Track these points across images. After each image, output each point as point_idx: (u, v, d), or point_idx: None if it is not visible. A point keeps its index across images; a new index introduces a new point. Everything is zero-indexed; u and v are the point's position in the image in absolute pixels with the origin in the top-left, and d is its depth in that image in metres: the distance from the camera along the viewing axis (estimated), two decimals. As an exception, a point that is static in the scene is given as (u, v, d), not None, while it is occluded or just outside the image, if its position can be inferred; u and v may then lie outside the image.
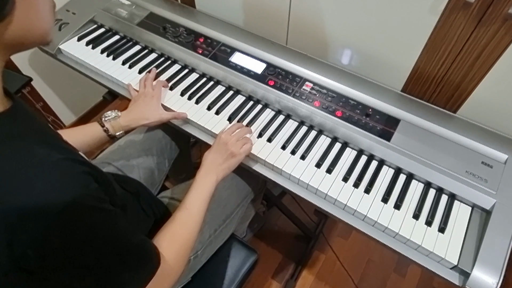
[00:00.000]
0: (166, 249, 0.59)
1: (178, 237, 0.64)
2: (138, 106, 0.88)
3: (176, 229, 0.65)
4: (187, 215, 0.67)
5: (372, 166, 0.81)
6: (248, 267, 0.89)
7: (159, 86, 0.94)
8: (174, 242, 0.62)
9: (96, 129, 0.81)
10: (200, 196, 0.70)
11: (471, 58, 0.80)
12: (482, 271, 0.63)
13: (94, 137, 0.81)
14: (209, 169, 0.74)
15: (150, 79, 0.95)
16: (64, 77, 1.56)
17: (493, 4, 0.69)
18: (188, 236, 0.65)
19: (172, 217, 0.67)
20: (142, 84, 0.94)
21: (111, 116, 0.83)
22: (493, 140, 0.79)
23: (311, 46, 1.06)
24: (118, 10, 1.16)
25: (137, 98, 0.91)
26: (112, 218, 0.46)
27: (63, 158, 0.42)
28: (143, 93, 0.91)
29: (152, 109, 0.88)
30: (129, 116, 0.85)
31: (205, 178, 0.73)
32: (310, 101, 0.89)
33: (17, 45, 0.43)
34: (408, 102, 0.88)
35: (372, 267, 1.38)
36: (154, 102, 0.89)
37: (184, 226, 0.66)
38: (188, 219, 0.67)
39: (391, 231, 0.70)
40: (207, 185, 0.72)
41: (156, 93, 0.91)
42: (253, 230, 1.43)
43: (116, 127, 0.83)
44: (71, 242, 0.41)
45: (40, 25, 0.43)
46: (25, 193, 0.37)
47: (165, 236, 0.62)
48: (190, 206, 0.68)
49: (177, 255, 0.61)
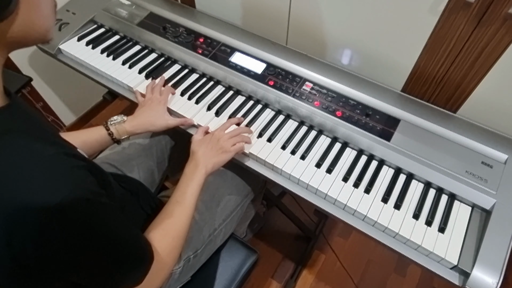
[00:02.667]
0: (158, 243, 0.59)
1: (170, 231, 0.64)
2: (145, 112, 0.87)
3: (168, 222, 0.65)
4: (179, 208, 0.67)
5: (372, 166, 0.81)
6: (248, 267, 0.89)
7: (167, 93, 0.93)
8: (166, 235, 0.63)
9: (101, 132, 0.82)
10: (190, 188, 0.70)
11: (471, 58, 0.80)
12: (482, 271, 0.63)
13: (99, 140, 0.82)
14: (198, 162, 0.74)
15: (158, 86, 0.94)
16: (64, 77, 1.56)
17: (493, 4, 0.69)
18: (180, 229, 0.66)
19: (163, 211, 0.67)
20: (149, 90, 0.93)
21: (117, 120, 0.83)
22: (493, 140, 0.79)
23: (311, 46, 1.06)
24: (118, 10, 1.16)
25: (144, 103, 0.91)
26: (108, 211, 0.47)
27: (58, 153, 0.42)
28: (150, 98, 0.91)
29: (158, 115, 0.87)
30: (135, 121, 0.85)
31: (195, 171, 0.73)
32: (310, 101, 0.89)
33: (18, 42, 0.43)
34: (408, 102, 0.88)
35: (372, 267, 1.38)
36: (161, 108, 0.88)
37: (176, 219, 0.66)
38: (179, 212, 0.67)
39: (391, 231, 0.70)
40: (197, 178, 0.72)
41: (163, 99, 0.90)
42: (253, 230, 1.43)
43: (121, 132, 0.83)
44: (68, 235, 0.41)
45: (42, 23, 0.44)
46: (22, 188, 0.38)
47: (157, 230, 0.63)
48: (180, 199, 0.69)
49: (170, 248, 0.62)
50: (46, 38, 0.46)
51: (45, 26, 0.44)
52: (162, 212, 0.67)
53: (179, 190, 0.70)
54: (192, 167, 0.74)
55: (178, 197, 0.69)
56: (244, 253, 0.91)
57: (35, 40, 0.45)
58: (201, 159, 0.75)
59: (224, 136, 0.79)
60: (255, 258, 0.91)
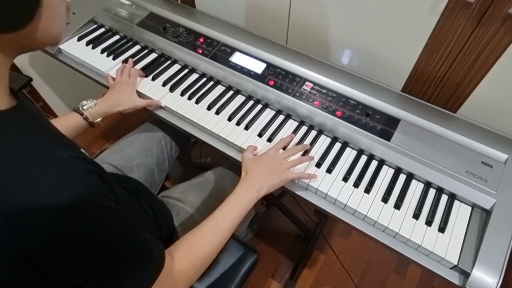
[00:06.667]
0: (180, 258, 0.57)
1: (197, 249, 0.60)
2: (114, 94, 0.91)
3: (197, 240, 0.61)
4: (214, 228, 0.63)
5: (372, 166, 0.81)
6: (248, 267, 0.89)
7: (135, 75, 0.97)
8: (191, 253, 0.59)
9: (76, 118, 0.84)
10: (235, 210, 0.66)
11: (471, 58, 0.80)
12: (482, 271, 0.63)
13: (76, 125, 0.83)
14: (253, 183, 0.70)
15: (127, 69, 0.98)
16: (64, 77, 1.56)
17: (493, 4, 0.69)
18: (208, 251, 0.61)
19: (198, 227, 0.63)
20: (119, 73, 0.97)
21: (89, 104, 0.86)
22: (493, 140, 0.79)
23: (311, 46, 1.06)
24: (118, 10, 1.16)
25: (113, 86, 0.95)
26: (117, 216, 0.47)
27: (71, 156, 0.42)
28: (120, 81, 0.94)
29: (126, 96, 0.91)
30: (105, 103, 0.88)
31: (248, 192, 0.69)
32: (310, 101, 0.89)
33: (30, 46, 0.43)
34: (408, 102, 0.88)
35: (372, 267, 1.38)
36: (129, 90, 0.92)
37: (207, 239, 0.62)
38: (213, 232, 0.63)
39: (391, 231, 0.70)
40: (245, 201, 0.68)
41: (131, 81, 0.94)
42: (253, 230, 1.43)
43: (94, 115, 0.86)
44: (77, 238, 0.41)
45: (57, 29, 0.44)
46: (33, 189, 0.38)
47: (183, 246, 0.60)
48: (220, 219, 0.65)
49: (191, 267, 0.58)
50: (56, 42, 0.46)
51: (59, 32, 0.45)
52: (196, 228, 0.63)
53: (223, 208, 0.66)
54: (245, 188, 0.70)
55: (218, 216, 0.65)
56: (244, 253, 0.91)
57: (47, 44, 0.45)
58: (257, 181, 0.70)
59: (281, 156, 0.75)
60: (255, 258, 0.91)
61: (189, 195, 0.89)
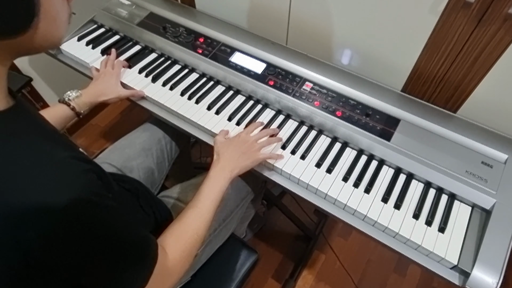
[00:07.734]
0: (170, 248, 0.58)
1: (184, 236, 0.62)
2: (99, 84, 0.94)
3: (183, 228, 0.63)
4: (196, 213, 0.66)
5: (372, 166, 0.81)
6: (248, 267, 0.89)
7: (119, 66, 0.99)
8: (180, 241, 0.61)
9: (63, 109, 0.85)
10: (212, 194, 0.68)
11: (471, 58, 0.80)
12: (482, 271, 0.63)
13: (64, 116, 0.85)
14: (224, 165, 0.72)
15: (111, 60, 1.00)
16: (64, 77, 1.56)
17: (493, 4, 0.69)
18: (195, 236, 0.63)
19: (180, 215, 0.65)
20: (103, 64, 0.99)
21: (74, 95, 0.87)
22: (493, 140, 0.79)
23: (311, 46, 1.06)
24: (118, 10, 1.16)
25: (97, 76, 0.96)
26: (115, 214, 0.47)
27: (69, 156, 0.42)
28: (104, 72, 0.97)
29: (110, 86, 0.93)
30: (89, 93, 0.90)
31: (221, 174, 0.71)
32: (310, 101, 0.89)
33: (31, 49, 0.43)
34: (408, 102, 0.88)
35: (372, 267, 1.38)
36: (113, 80, 0.94)
37: (192, 225, 0.64)
38: (196, 218, 0.65)
39: (391, 231, 0.70)
40: (220, 183, 0.70)
41: (115, 72, 0.96)
42: (253, 230, 1.43)
43: (80, 105, 0.87)
44: (77, 238, 0.41)
45: (58, 33, 0.44)
46: (31, 189, 0.38)
47: (171, 235, 0.62)
48: (200, 204, 0.67)
49: (182, 254, 0.60)
50: (57, 45, 0.47)
51: (60, 35, 0.45)
52: (179, 216, 0.65)
53: (200, 194, 0.68)
54: (218, 170, 0.72)
55: (198, 201, 0.67)
56: (244, 253, 0.91)
57: (47, 49, 0.45)
58: (229, 162, 0.73)
59: (251, 139, 0.78)
60: (255, 258, 0.91)
61: (189, 195, 0.89)
